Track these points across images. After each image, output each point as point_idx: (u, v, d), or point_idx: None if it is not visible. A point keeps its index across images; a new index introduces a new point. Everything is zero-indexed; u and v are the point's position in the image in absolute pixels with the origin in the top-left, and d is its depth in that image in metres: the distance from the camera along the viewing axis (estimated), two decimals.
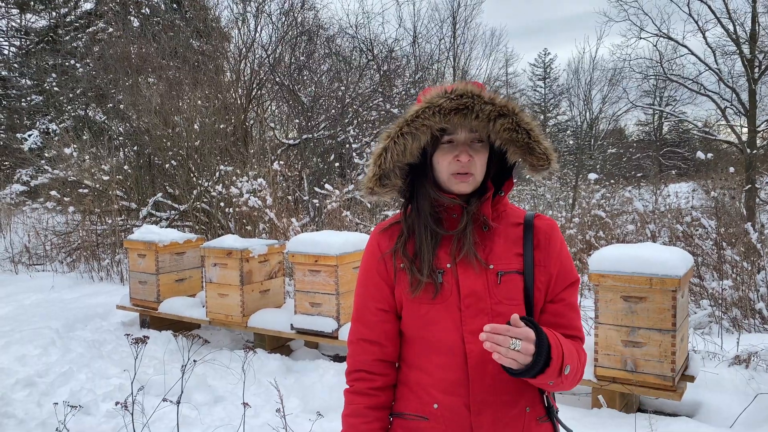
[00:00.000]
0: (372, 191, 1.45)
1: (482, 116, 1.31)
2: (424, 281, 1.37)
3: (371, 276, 1.48)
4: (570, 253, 1.50)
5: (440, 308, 1.36)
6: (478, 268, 1.37)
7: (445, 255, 1.39)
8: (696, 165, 22.84)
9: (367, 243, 1.52)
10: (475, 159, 1.35)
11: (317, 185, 10.12)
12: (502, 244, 1.41)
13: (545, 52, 38.71)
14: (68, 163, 10.34)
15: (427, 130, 1.33)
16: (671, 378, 3.54)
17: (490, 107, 1.31)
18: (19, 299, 7.47)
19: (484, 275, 1.37)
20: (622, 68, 20.00)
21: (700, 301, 5.90)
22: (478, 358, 1.33)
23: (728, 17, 15.39)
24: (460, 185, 1.37)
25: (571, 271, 1.46)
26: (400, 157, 1.37)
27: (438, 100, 1.32)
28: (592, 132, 24.63)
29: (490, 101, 1.32)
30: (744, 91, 15.84)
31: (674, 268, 3.52)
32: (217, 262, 5.35)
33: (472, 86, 1.34)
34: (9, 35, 20.49)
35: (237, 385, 4.35)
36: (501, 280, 1.37)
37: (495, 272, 1.38)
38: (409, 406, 1.42)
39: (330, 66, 12.88)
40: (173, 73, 11.45)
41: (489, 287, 1.37)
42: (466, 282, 1.36)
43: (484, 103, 1.31)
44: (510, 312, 1.35)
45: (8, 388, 4.36)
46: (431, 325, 1.37)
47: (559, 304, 1.43)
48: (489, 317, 1.35)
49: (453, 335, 1.35)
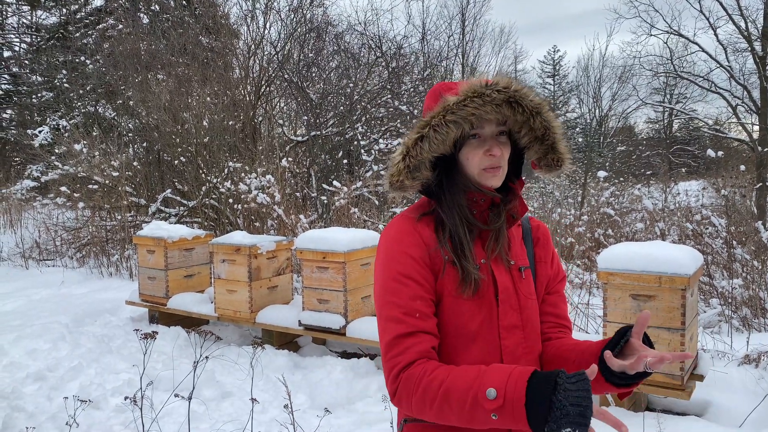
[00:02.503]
0: (401, 185, 1.37)
1: (526, 111, 1.31)
2: (475, 277, 1.32)
3: (418, 266, 1.33)
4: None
5: (478, 303, 1.35)
6: (507, 264, 1.41)
7: (479, 250, 1.38)
8: (706, 163, 22.69)
9: (397, 231, 1.39)
10: (504, 153, 1.36)
11: (325, 182, 10.13)
12: (516, 241, 1.46)
13: (554, 49, 38.61)
14: (78, 159, 10.41)
15: (470, 120, 1.29)
16: (680, 377, 3.53)
17: (531, 103, 1.32)
18: (30, 294, 7.53)
19: (510, 271, 1.41)
20: (632, 65, 19.85)
21: (710, 299, 5.86)
22: (512, 352, 1.37)
23: (740, 14, 15.24)
24: (493, 179, 1.35)
25: (560, 267, 1.58)
26: (439, 146, 1.32)
27: (484, 90, 1.28)
28: (602, 129, 24.49)
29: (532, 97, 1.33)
30: (755, 89, 15.70)
31: (684, 267, 3.50)
32: (225, 258, 5.36)
33: (512, 81, 1.32)
34: (20, 32, 20.62)
35: (245, 381, 4.37)
36: (524, 274, 1.43)
37: (517, 267, 1.42)
38: None
39: (338, 63, 12.87)
40: (182, 69, 11.48)
41: (515, 282, 1.41)
42: (501, 278, 1.38)
43: (529, 99, 1.32)
44: (532, 306, 1.42)
45: (19, 381, 4.40)
46: (469, 321, 1.34)
47: (555, 296, 1.53)
48: (517, 312, 1.39)
49: (489, 330, 1.36)
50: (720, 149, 9.62)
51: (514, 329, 1.38)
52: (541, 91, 36.74)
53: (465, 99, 1.28)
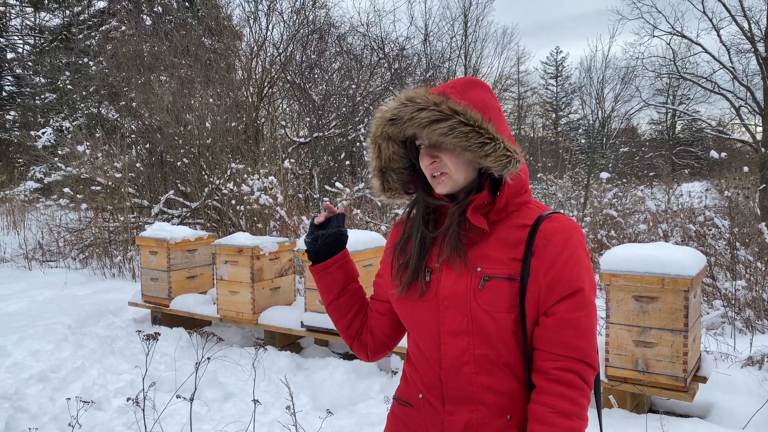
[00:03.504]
0: (386, 195, 1.51)
1: (414, 123, 1.30)
2: (406, 284, 1.41)
3: (384, 261, 1.57)
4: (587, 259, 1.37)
5: (424, 307, 1.38)
6: (461, 270, 1.34)
7: (435, 255, 1.41)
8: (709, 164, 22.65)
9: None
10: (443, 159, 1.34)
11: (328, 183, 10.13)
12: (496, 247, 1.34)
13: (557, 50, 38.58)
14: (81, 160, 10.43)
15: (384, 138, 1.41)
16: (683, 379, 3.52)
17: (426, 113, 1.29)
18: (33, 295, 7.54)
19: (468, 277, 1.33)
20: (635, 66, 19.85)
21: (713, 301, 5.85)
22: (452, 359, 1.33)
23: (743, 15, 15.23)
24: (438, 186, 1.37)
25: (569, 280, 1.29)
26: (376, 161, 1.45)
27: (384, 110, 1.38)
28: (605, 131, 24.45)
29: (426, 106, 1.29)
30: (759, 90, 15.68)
31: (687, 268, 3.49)
32: (228, 259, 5.37)
33: (420, 91, 1.34)
34: (23, 34, 20.68)
35: (247, 382, 4.37)
36: (485, 284, 1.31)
37: (481, 275, 1.32)
38: (404, 393, 1.49)
39: (341, 64, 12.89)
40: (185, 71, 11.51)
41: (472, 290, 1.32)
42: (447, 283, 1.35)
43: (419, 110, 1.30)
44: (491, 319, 1.30)
45: (22, 382, 4.40)
46: (417, 323, 1.41)
47: (552, 318, 1.29)
48: (466, 319, 1.32)
49: (432, 333, 1.37)
50: (723, 150, 9.60)
51: (460, 334, 1.32)
52: (544, 93, 36.71)
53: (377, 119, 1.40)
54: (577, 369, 1.27)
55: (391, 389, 4.09)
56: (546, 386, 1.27)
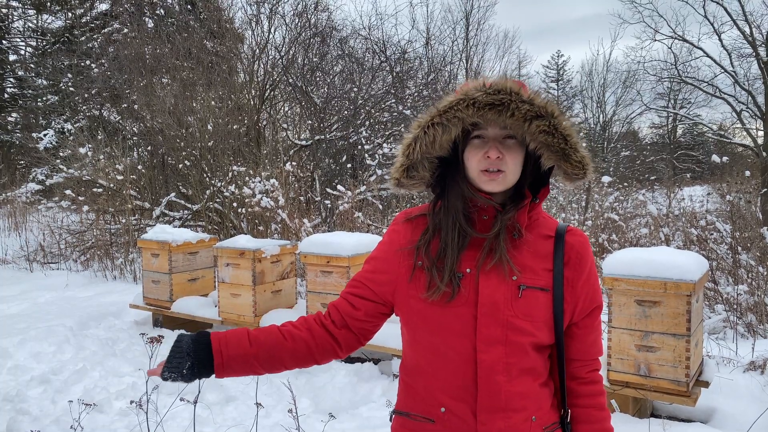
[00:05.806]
0: (399, 183, 1.39)
1: (518, 115, 1.24)
2: (443, 287, 1.30)
3: (379, 263, 1.43)
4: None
5: (454, 313, 1.31)
6: (501, 278, 1.30)
7: (469, 258, 1.33)
8: (711, 168, 22.63)
9: (388, 229, 1.46)
10: (506, 157, 1.28)
11: (329, 186, 10.13)
12: (530, 257, 1.34)
13: (558, 53, 38.61)
14: (83, 162, 10.44)
15: (458, 123, 1.28)
16: (685, 383, 3.51)
17: (528, 106, 1.25)
18: (34, 297, 7.54)
19: (505, 285, 1.30)
20: (636, 70, 19.89)
21: (715, 305, 5.84)
22: (488, 367, 1.29)
23: (744, 19, 15.26)
24: (490, 183, 1.29)
25: (597, 293, 1.39)
26: (429, 148, 1.31)
27: (474, 93, 1.26)
28: (606, 134, 24.48)
29: (529, 100, 1.26)
30: (760, 94, 15.70)
31: (689, 273, 3.49)
32: (229, 262, 5.37)
33: (512, 83, 1.27)
34: (26, 36, 20.72)
35: (249, 385, 4.37)
36: (522, 293, 1.30)
37: (517, 284, 1.31)
38: (416, 407, 1.37)
39: (343, 67, 12.90)
40: (187, 73, 11.52)
41: (509, 299, 1.30)
42: (486, 290, 1.30)
43: (521, 102, 1.25)
44: (527, 329, 1.30)
45: (23, 384, 4.40)
46: (443, 330, 1.32)
47: (584, 330, 1.39)
48: (503, 329, 1.29)
49: (465, 342, 1.30)
50: (724, 154, 9.60)
51: (496, 344, 1.29)
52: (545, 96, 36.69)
53: (454, 101, 1.28)
54: (598, 367, 1.46)
55: (392, 393, 4.08)
56: (583, 389, 1.42)
